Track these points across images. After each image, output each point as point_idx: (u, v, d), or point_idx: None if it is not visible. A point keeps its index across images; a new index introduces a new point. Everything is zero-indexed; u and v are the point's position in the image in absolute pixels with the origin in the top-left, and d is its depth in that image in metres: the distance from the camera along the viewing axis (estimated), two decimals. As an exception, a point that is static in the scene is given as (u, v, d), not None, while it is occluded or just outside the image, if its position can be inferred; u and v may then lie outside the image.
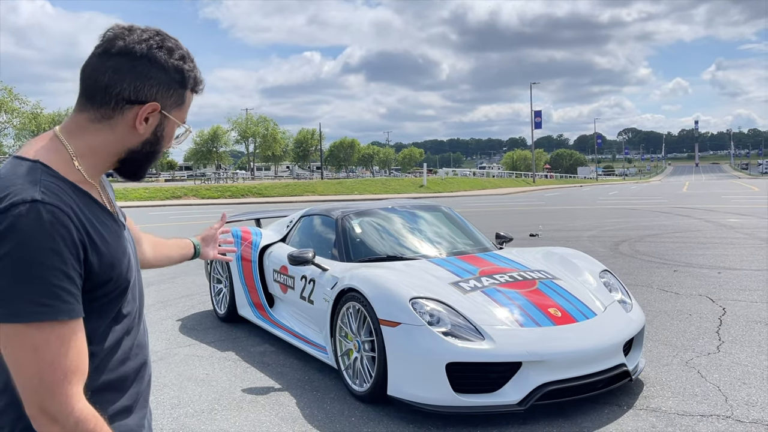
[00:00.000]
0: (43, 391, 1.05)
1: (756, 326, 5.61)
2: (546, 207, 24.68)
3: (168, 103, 1.24)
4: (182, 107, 1.28)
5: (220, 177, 50.58)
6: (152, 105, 1.22)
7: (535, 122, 65.72)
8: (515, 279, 4.37)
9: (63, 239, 1.07)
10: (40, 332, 1.05)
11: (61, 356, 1.07)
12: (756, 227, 13.59)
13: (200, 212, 23.73)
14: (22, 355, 1.05)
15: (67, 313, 1.07)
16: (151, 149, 1.27)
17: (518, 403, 3.60)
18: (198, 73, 1.30)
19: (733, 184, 47.96)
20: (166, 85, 1.23)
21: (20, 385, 1.07)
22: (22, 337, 1.05)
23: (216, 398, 4.24)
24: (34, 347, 1.05)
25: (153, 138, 1.25)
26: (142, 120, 1.22)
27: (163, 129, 1.26)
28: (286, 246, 5.73)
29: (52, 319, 1.06)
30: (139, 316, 1.36)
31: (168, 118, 1.25)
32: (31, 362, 1.05)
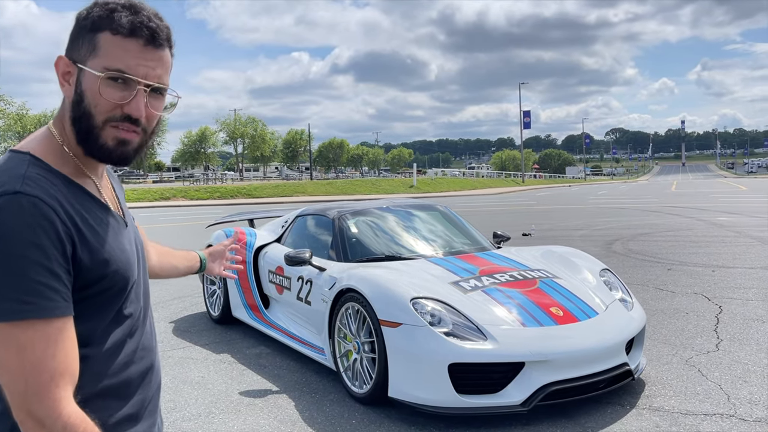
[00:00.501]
0: (30, 394, 0.99)
1: (753, 324, 5.60)
2: (536, 206, 24.72)
3: (80, 54, 1.11)
4: (97, 53, 1.10)
5: (208, 178, 50.29)
6: (60, 58, 1.12)
7: (524, 122, 65.91)
8: (516, 278, 4.32)
9: (46, 232, 1.01)
10: (23, 332, 0.98)
11: (48, 357, 1.00)
12: (746, 225, 13.66)
13: (189, 213, 23.56)
14: (7, 356, 0.98)
15: (51, 311, 1.00)
16: (80, 112, 1.11)
17: (521, 403, 3.55)
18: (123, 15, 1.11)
19: (721, 183, 48.33)
20: (74, 35, 1.12)
21: (6, 388, 1.01)
22: (6, 337, 0.98)
23: (213, 401, 4.16)
24: (18, 348, 0.98)
25: (76, 97, 1.12)
26: (62, 80, 1.13)
27: (81, 84, 1.11)
28: (281, 246, 5.66)
29: (36, 317, 0.99)
30: (143, 317, 1.28)
31: (84, 71, 1.11)
32: (16, 364, 0.98)
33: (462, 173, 68.73)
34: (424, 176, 55.20)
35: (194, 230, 15.54)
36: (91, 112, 1.11)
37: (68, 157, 1.14)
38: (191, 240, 13.29)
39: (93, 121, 1.11)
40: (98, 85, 1.10)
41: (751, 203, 21.48)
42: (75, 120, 1.12)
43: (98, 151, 1.14)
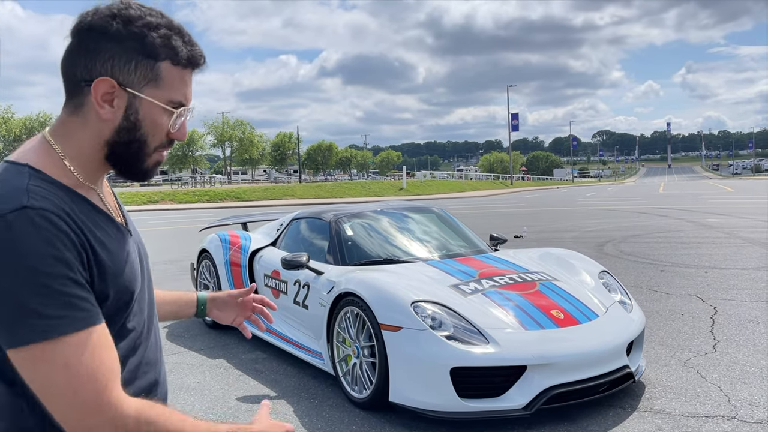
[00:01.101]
0: (89, 408, 0.96)
1: (749, 325, 5.62)
2: (526, 208, 24.79)
3: (132, 79, 1.07)
4: (159, 84, 1.08)
5: (197, 181, 50.03)
6: (104, 81, 1.06)
7: (512, 125, 66.15)
8: (515, 281, 4.30)
9: (63, 244, 0.98)
10: (67, 347, 0.95)
11: (96, 366, 0.97)
12: (736, 227, 13.76)
13: (178, 217, 23.40)
14: (54, 375, 0.94)
15: (88, 320, 0.98)
16: (131, 138, 1.09)
17: (524, 407, 3.53)
18: (179, 43, 1.10)
19: (708, 185, 48.76)
20: (122, 56, 1.06)
21: (59, 410, 0.96)
22: (49, 356, 0.94)
23: (210, 407, 4.10)
24: (65, 364, 0.95)
25: (127, 124, 1.08)
26: (101, 102, 1.07)
27: (137, 112, 1.08)
28: (277, 250, 5.61)
29: (77, 329, 0.96)
30: (148, 331, 1.23)
31: (140, 98, 1.08)
32: (65, 381, 0.95)
33: (450, 176, 68.86)
34: (413, 179, 55.26)
35: (184, 234, 15.43)
36: (146, 141, 1.11)
37: (68, 170, 1.09)
38: (182, 244, 13.19)
39: (146, 149, 1.12)
40: (164, 117, 1.11)
41: (738, 204, 21.66)
42: (120, 145, 1.10)
43: (138, 174, 1.14)
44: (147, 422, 0.99)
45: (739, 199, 25.26)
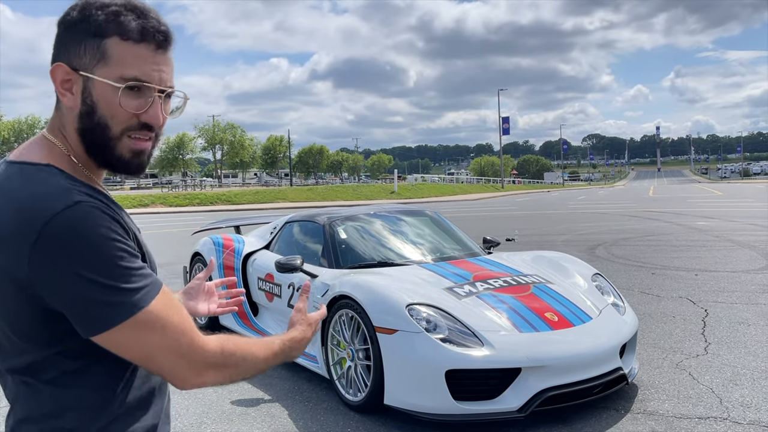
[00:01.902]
0: (190, 353, 1.07)
1: (739, 327, 5.66)
2: (518, 212, 24.87)
3: (84, 62, 1.05)
4: (109, 62, 1.05)
5: (187, 185, 49.83)
6: (57, 66, 1.07)
7: (503, 128, 66.37)
8: (509, 284, 4.32)
9: (120, 228, 1.05)
10: (157, 311, 1.04)
11: (182, 318, 1.07)
12: (725, 230, 13.87)
13: (169, 220, 23.30)
14: (156, 338, 1.04)
15: (159, 284, 1.07)
16: (92, 123, 1.07)
17: (518, 409, 3.54)
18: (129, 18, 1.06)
19: (697, 188, 49.10)
20: (74, 40, 1.06)
21: (168, 366, 1.06)
22: (147, 323, 1.03)
23: (204, 411, 4.09)
24: (162, 325, 1.04)
25: (85, 108, 1.07)
26: (62, 90, 1.07)
27: (91, 94, 1.06)
28: (270, 253, 5.60)
29: (157, 293, 1.05)
30: None
31: (92, 80, 1.05)
32: (165, 338, 1.04)
33: (441, 179, 68.98)
34: (405, 182, 55.31)
35: (175, 238, 15.37)
36: (107, 124, 1.08)
37: (78, 167, 1.11)
38: (173, 248, 13.14)
39: (109, 133, 1.09)
40: (118, 96, 1.06)
41: (727, 208, 21.83)
42: (85, 131, 1.09)
43: (115, 163, 1.12)
44: (230, 354, 1.12)
45: (728, 203, 25.46)
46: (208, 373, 1.09)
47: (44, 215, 0.98)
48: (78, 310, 1.00)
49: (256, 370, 1.19)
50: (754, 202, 25.43)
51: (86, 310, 0.99)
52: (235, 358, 1.13)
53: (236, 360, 1.13)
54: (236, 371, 1.14)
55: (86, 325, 1.01)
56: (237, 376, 1.15)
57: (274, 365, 1.25)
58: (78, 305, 0.99)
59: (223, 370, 1.11)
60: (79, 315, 1.00)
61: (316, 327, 1.38)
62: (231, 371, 1.13)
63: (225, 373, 1.12)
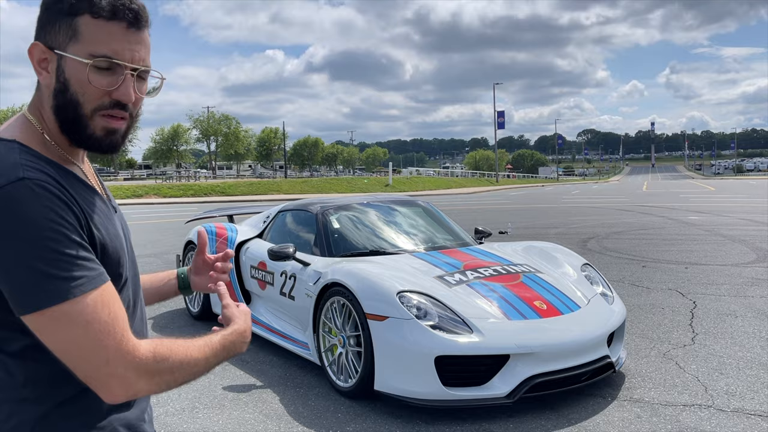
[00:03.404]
0: (113, 358, 1.01)
1: (727, 319, 5.73)
2: (512, 205, 24.94)
3: (57, 40, 1.08)
4: (79, 39, 1.07)
5: (181, 176, 49.70)
6: (34, 45, 1.09)
7: (498, 122, 66.40)
8: (499, 272, 4.37)
9: (64, 210, 1.01)
10: (85, 306, 1.00)
11: (113, 319, 1.02)
12: (716, 224, 13.96)
13: (163, 211, 23.28)
14: (76, 334, 1.00)
15: (99, 278, 1.03)
16: (65, 100, 1.09)
17: (506, 395, 3.59)
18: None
19: (690, 184, 49.32)
20: (50, 20, 1.08)
21: (84, 366, 1.01)
22: (69, 316, 0.99)
23: (196, 396, 4.13)
24: (86, 322, 1.00)
25: (59, 86, 1.09)
26: (39, 69, 1.10)
27: (64, 72, 1.08)
28: (263, 242, 5.63)
29: (92, 288, 1.01)
30: (133, 305, 1.26)
31: (65, 57, 1.07)
32: (88, 337, 1.00)
33: (436, 173, 68.99)
34: (399, 175, 55.31)
35: (169, 228, 15.37)
36: (78, 101, 1.09)
37: (51, 145, 1.12)
38: (167, 238, 13.14)
39: (81, 110, 1.09)
40: (86, 73, 1.07)
41: (720, 203, 21.95)
42: (59, 109, 1.10)
43: (87, 141, 1.12)
44: (163, 359, 1.06)
45: (720, 198, 25.59)
46: (138, 381, 1.03)
47: None
48: (6, 288, 0.99)
49: (196, 373, 1.12)
50: (747, 197, 25.58)
51: (12, 289, 0.98)
52: (168, 363, 1.06)
53: (170, 365, 1.06)
54: (172, 378, 1.07)
55: (14, 305, 0.99)
56: (173, 383, 1.09)
57: (219, 363, 1.18)
58: (6, 283, 0.98)
59: (155, 377, 1.05)
60: (7, 293, 0.99)
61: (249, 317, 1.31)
62: (166, 378, 1.07)
63: (159, 380, 1.06)
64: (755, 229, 12.81)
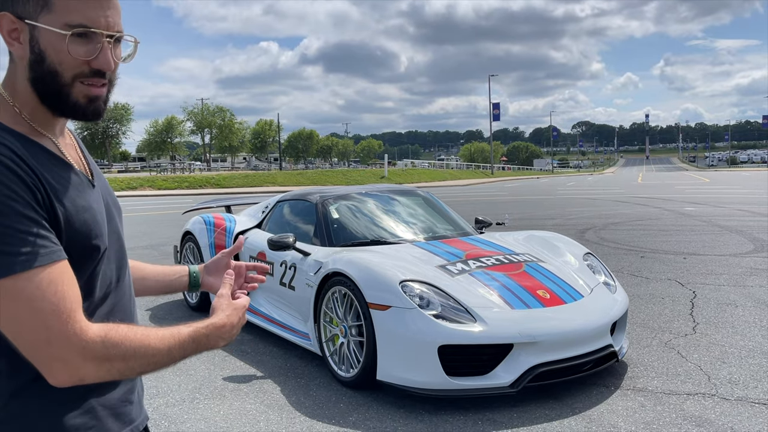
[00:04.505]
0: (55, 339, 0.98)
1: (727, 308, 5.73)
2: (508, 197, 24.94)
3: (28, 10, 1.05)
4: (52, 9, 1.05)
5: (176, 168, 49.47)
6: (2, 16, 1.05)
7: (493, 114, 66.34)
8: (502, 262, 4.34)
9: (15, 183, 0.98)
10: (29, 282, 0.97)
11: (59, 299, 0.99)
12: (712, 215, 13.98)
13: (158, 203, 23.19)
14: (18, 311, 0.97)
15: (49, 256, 0.99)
16: (42, 71, 1.07)
17: (510, 385, 3.57)
18: None
19: (685, 176, 49.45)
20: None
21: (26, 345, 0.99)
22: (11, 292, 0.96)
23: (196, 387, 4.09)
24: (28, 299, 0.97)
25: (34, 57, 1.06)
26: (10, 40, 1.06)
27: (38, 42, 1.05)
28: (262, 232, 5.59)
29: (38, 265, 0.97)
30: (117, 280, 1.22)
31: (38, 28, 1.05)
32: (30, 315, 0.97)
33: (431, 165, 68.90)
34: (395, 167, 55.25)
35: (164, 219, 15.29)
36: (56, 71, 1.07)
37: (21, 118, 1.09)
38: (162, 229, 13.07)
39: (61, 80, 1.07)
40: (65, 44, 1.05)
41: (715, 194, 22.00)
42: (37, 81, 1.08)
43: (71, 110, 1.10)
44: (113, 344, 1.02)
45: (715, 189, 25.66)
46: (84, 366, 1.00)
47: None
48: None
49: (156, 363, 1.08)
50: (741, 189, 25.65)
51: None
52: (121, 349, 1.03)
53: (123, 352, 1.03)
54: (125, 365, 1.04)
55: None
56: (127, 371, 1.05)
57: (187, 356, 1.13)
58: None
59: (105, 364, 1.02)
60: None
61: (243, 312, 1.24)
62: (118, 365, 1.03)
63: (109, 366, 1.02)
64: (752, 220, 12.83)
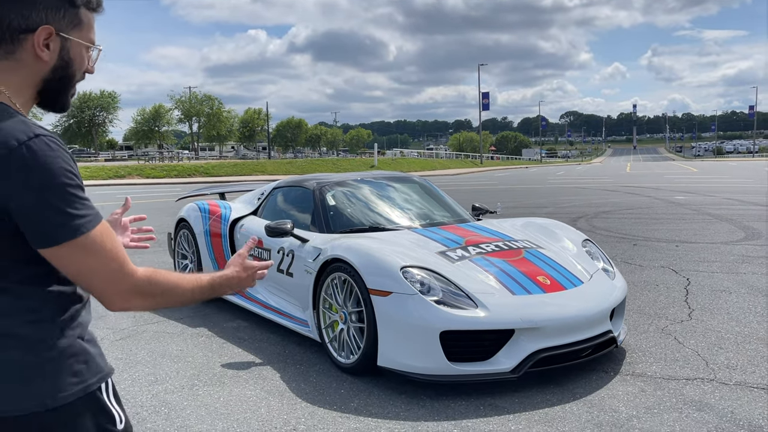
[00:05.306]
0: (120, 277, 1.25)
1: (721, 295, 5.77)
2: (498, 186, 24.99)
3: (63, 25, 1.27)
4: (81, 27, 1.31)
5: (164, 156, 49.07)
6: (45, 29, 1.25)
7: (483, 104, 66.31)
8: (501, 248, 4.33)
9: (73, 161, 1.23)
10: (97, 237, 1.22)
11: (116, 247, 1.26)
12: (702, 204, 14.08)
13: (146, 191, 23.00)
14: (91, 260, 1.22)
15: (100, 216, 1.25)
16: (64, 74, 1.31)
17: (511, 370, 3.57)
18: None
19: (673, 165, 49.76)
20: (54, 6, 1.26)
21: (99, 286, 1.25)
22: (86, 246, 1.21)
23: (195, 374, 4.06)
24: (97, 250, 1.22)
25: (61, 63, 1.29)
26: (41, 47, 1.26)
27: (68, 52, 1.30)
28: (258, 219, 5.54)
29: (98, 222, 1.23)
30: None
31: (70, 40, 1.29)
32: (100, 262, 1.23)
33: (420, 154, 68.83)
34: (384, 157, 55.15)
35: (154, 208, 15.17)
36: (75, 75, 1.34)
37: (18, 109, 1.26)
38: (153, 218, 12.96)
39: (73, 81, 1.34)
40: (87, 55, 1.34)
41: (703, 184, 22.16)
42: (53, 81, 1.30)
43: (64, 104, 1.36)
44: (156, 283, 1.31)
45: (703, 179, 25.84)
46: (134, 298, 1.28)
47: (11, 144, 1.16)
48: (32, 226, 1.18)
49: (183, 300, 1.38)
50: (729, 178, 25.85)
51: (38, 227, 1.17)
52: (160, 287, 1.32)
53: (162, 289, 1.32)
54: (162, 299, 1.33)
55: (36, 239, 1.19)
56: (163, 304, 1.35)
57: (203, 298, 1.44)
58: (32, 222, 1.17)
59: (148, 298, 1.30)
60: (32, 230, 1.18)
61: (252, 272, 1.53)
62: (157, 299, 1.32)
63: (150, 300, 1.31)
64: (742, 209, 12.93)
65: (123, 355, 4.47)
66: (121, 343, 4.75)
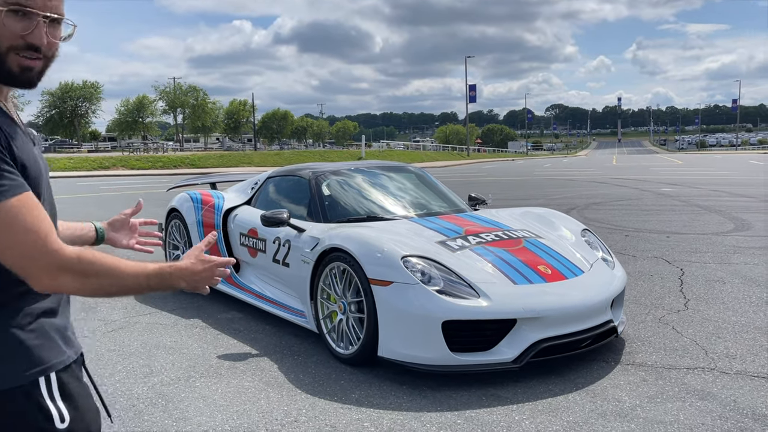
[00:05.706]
0: (38, 253, 1.16)
1: (716, 285, 5.78)
2: (487, 178, 25.00)
3: None
4: None
5: (149, 148, 48.54)
6: None
7: (469, 96, 66.29)
8: (501, 238, 4.29)
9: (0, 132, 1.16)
10: (6, 211, 1.14)
11: (35, 221, 1.16)
12: (690, 195, 14.17)
13: (132, 183, 22.75)
14: (7, 231, 1.14)
15: (20, 188, 1.16)
16: None
17: (513, 360, 3.54)
18: None
19: (658, 158, 50.12)
20: None
21: (13, 261, 1.17)
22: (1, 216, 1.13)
23: (191, 365, 3.99)
24: (8, 224, 1.14)
25: None
26: None
27: None
28: (252, 209, 5.46)
29: (12, 194, 1.14)
30: None
31: None
32: (12, 235, 1.14)
33: (406, 146, 68.71)
34: (371, 149, 55.01)
35: (144, 199, 14.99)
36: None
37: None
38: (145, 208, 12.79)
39: None
40: (1, 18, 1.17)
41: (689, 176, 22.31)
42: None
43: (5, 76, 1.23)
44: (88, 262, 1.21)
45: (689, 171, 26.03)
46: (62, 276, 1.18)
47: None
48: None
49: (126, 286, 1.26)
50: (714, 170, 26.06)
51: None
52: (94, 268, 1.21)
53: (96, 269, 1.21)
54: (98, 282, 1.22)
55: None
56: (100, 288, 1.23)
57: (153, 288, 1.31)
58: None
59: (80, 278, 1.20)
60: None
61: (209, 266, 1.39)
62: (92, 281, 1.21)
63: (84, 281, 1.21)
64: (729, 200, 13.03)
65: (116, 346, 4.39)
66: (113, 334, 4.66)
